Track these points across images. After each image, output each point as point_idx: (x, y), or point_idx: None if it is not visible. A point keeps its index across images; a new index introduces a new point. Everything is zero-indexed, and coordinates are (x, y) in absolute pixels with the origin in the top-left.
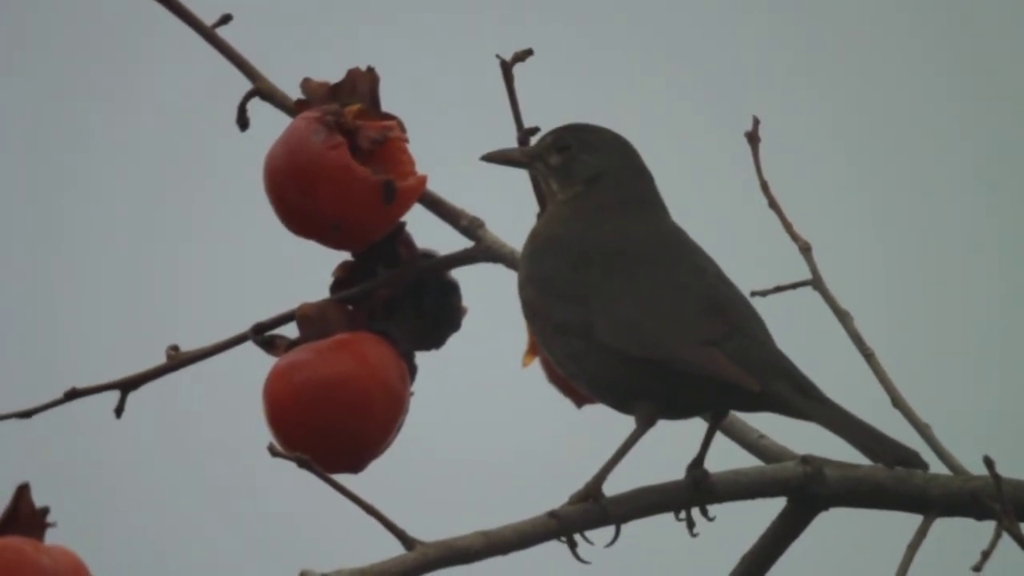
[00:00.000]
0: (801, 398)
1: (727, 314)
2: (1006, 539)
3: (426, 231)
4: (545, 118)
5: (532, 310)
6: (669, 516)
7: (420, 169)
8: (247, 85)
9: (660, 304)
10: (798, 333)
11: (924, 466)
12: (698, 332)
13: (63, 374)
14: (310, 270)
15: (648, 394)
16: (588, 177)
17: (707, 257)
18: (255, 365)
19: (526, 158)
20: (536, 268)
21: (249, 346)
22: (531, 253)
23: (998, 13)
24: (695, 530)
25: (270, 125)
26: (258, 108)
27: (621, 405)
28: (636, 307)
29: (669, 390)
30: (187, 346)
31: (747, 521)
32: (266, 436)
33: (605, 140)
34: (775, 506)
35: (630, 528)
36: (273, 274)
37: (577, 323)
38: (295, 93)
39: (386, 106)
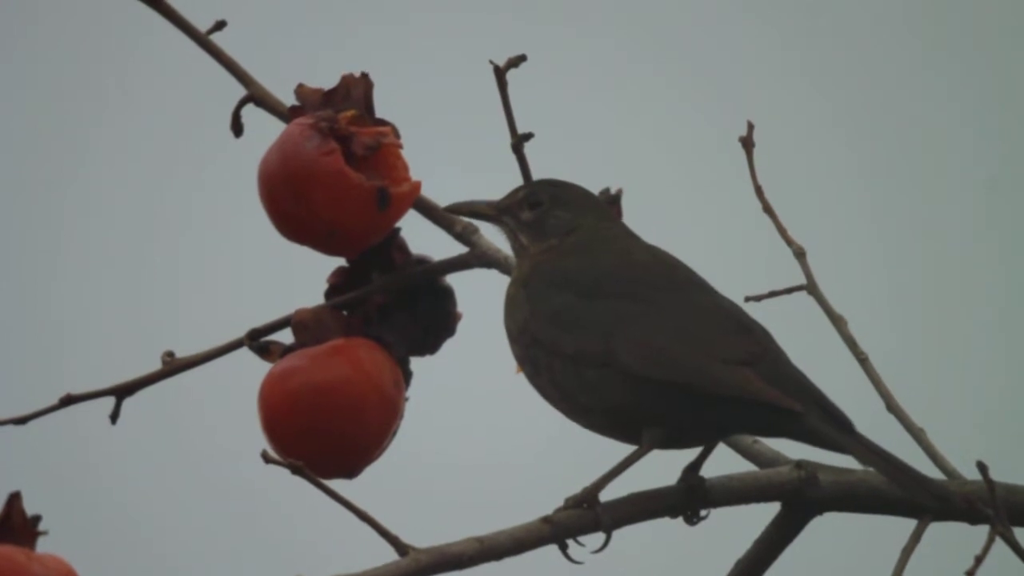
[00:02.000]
0: (833, 430)
1: (755, 333)
2: (999, 544)
3: (420, 237)
4: (539, 124)
5: (536, 346)
6: (664, 520)
7: (414, 175)
8: (241, 91)
9: (688, 327)
10: (793, 338)
11: (959, 503)
12: (730, 353)
13: (58, 380)
14: (305, 276)
15: (666, 420)
16: (563, 232)
17: (705, 280)
18: (250, 371)
19: (494, 211)
20: (541, 304)
21: (244, 352)
22: (529, 294)
23: (996, 14)
24: (694, 520)
25: (264, 131)
26: (252, 114)
27: (630, 435)
28: (662, 332)
29: (693, 414)
30: (182, 352)
31: (741, 526)
32: (261, 442)
33: (576, 196)
34: (769, 511)
35: (625, 532)
36: (268, 280)
37: (596, 352)
38: (289, 99)
39: (380, 112)
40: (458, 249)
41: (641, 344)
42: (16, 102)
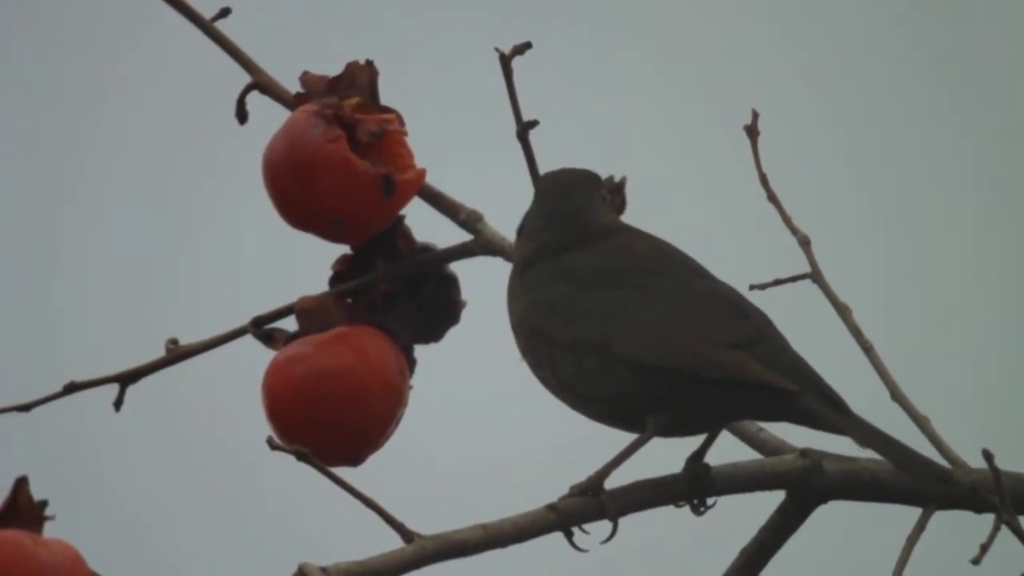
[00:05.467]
0: (831, 411)
1: (751, 317)
2: (1005, 532)
3: (425, 224)
4: (545, 111)
5: (536, 337)
6: (669, 508)
7: (419, 162)
8: (246, 78)
9: (684, 313)
10: (797, 326)
11: (958, 485)
12: (726, 337)
13: (62, 367)
14: (309, 263)
15: (666, 407)
16: (531, 224)
17: (703, 267)
18: (254, 358)
19: None
20: (539, 295)
21: (248, 339)
22: (525, 285)
23: (999, 8)
24: (701, 510)
25: (269, 119)
26: (257, 101)
27: (632, 423)
28: (659, 318)
29: (692, 400)
30: (186, 339)
31: (746, 514)
32: (265, 429)
33: (544, 184)
34: (774, 499)
35: (630, 521)
36: (272, 267)
37: (594, 341)
38: (294, 86)
39: (385, 99)
40: (463, 237)
41: (637, 331)
42: (17, 91)
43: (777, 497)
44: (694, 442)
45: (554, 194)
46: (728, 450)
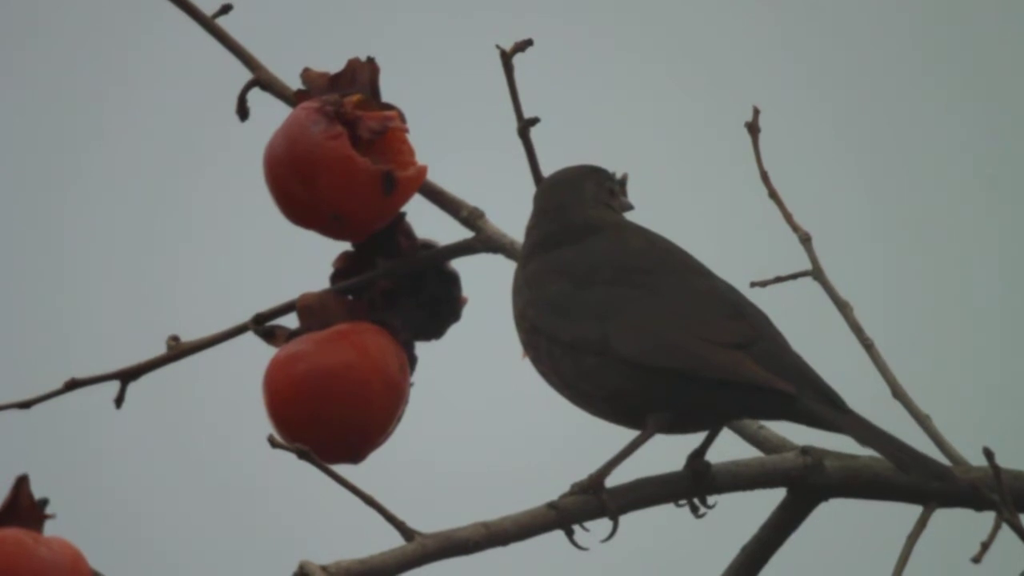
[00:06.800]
0: (829, 409)
1: (748, 317)
2: (1006, 530)
3: (426, 221)
4: (546, 108)
5: (535, 334)
6: (670, 506)
7: (420, 159)
8: (247, 75)
9: (681, 312)
10: (798, 323)
11: (956, 483)
12: (724, 337)
13: (63, 364)
14: (310, 260)
15: (665, 405)
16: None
17: (702, 264)
18: (255, 355)
19: None
20: (538, 291)
21: (249, 336)
22: (527, 280)
23: (999, 8)
24: (700, 512)
25: (270, 115)
26: (258, 98)
27: (633, 420)
28: (656, 317)
29: (691, 399)
30: (187, 336)
31: (747, 512)
32: (266, 426)
33: (542, 189)
34: (775, 497)
35: (631, 518)
36: (273, 264)
37: (592, 339)
38: (295, 83)
39: (386, 96)
40: (464, 234)
41: (635, 330)
42: (18, 89)
43: (778, 495)
44: (695, 439)
45: (542, 191)
46: (729, 447)
